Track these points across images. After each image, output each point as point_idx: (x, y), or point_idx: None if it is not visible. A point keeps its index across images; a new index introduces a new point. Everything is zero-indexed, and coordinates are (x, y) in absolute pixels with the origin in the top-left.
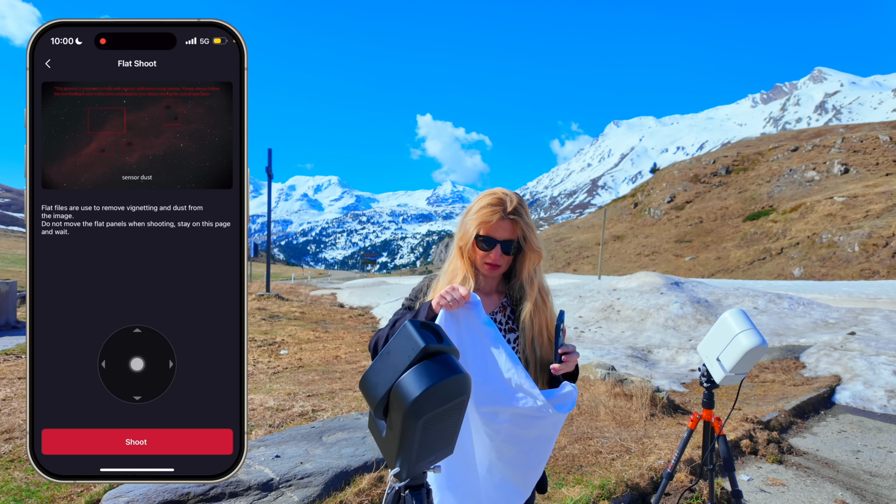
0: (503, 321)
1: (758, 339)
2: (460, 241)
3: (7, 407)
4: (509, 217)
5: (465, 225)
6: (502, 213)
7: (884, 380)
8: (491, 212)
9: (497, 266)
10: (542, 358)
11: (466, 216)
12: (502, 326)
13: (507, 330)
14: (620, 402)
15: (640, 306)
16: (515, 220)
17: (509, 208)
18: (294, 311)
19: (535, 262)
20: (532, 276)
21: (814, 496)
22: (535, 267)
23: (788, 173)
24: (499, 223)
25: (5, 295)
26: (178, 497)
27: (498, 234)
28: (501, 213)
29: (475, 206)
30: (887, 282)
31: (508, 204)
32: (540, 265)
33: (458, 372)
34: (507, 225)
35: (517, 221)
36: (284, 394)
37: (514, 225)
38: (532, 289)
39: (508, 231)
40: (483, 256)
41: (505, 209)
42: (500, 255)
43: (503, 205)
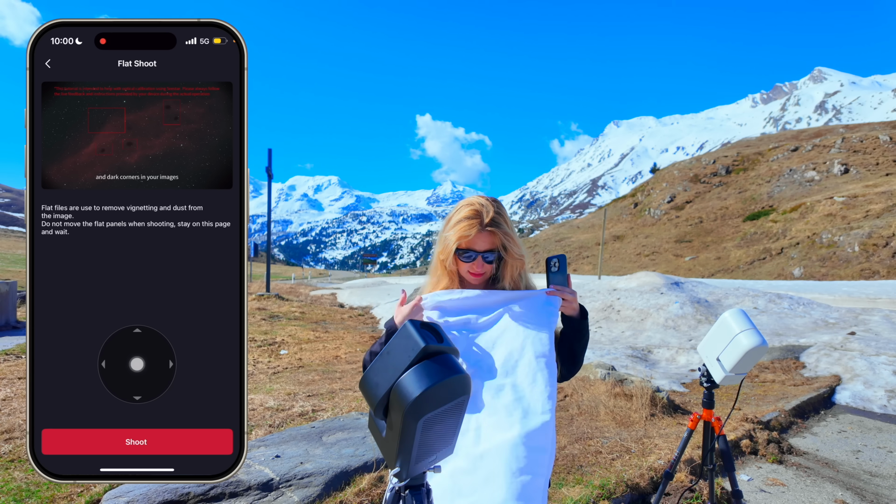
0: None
1: (758, 339)
2: (441, 255)
3: (7, 407)
4: (487, 229)
5: (445, 240)
6: (479, 227)
7: (884, 380)
8: (468, 225)
9: (481, 274)
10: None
11: (445, 229)
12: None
13: None
14: (620, 402)
15: (640, 306)
16: (493, 231)
17: (486, 220)
18: (294, 311)
19: (517, 268)
20: (517, 282)
21: (814, 496)
22: (518, 273)
23: (788, 173)
24: (477, 236)
25: (5, 295)
26: (178, 497)
27: (477, 245)
28: (479, 227)
29: (453, 219)
30: (887, 282)
31: (485, 215)
32: (524, 270)
33: (458, 372)
34: (485, 237)
35: (495, 233)
36: (284, 394)
37: (493, 236)
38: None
39: (487, 242)
40: (465, 267)
41: (482, 221)
42: (483, 265)
43: (480, 217)
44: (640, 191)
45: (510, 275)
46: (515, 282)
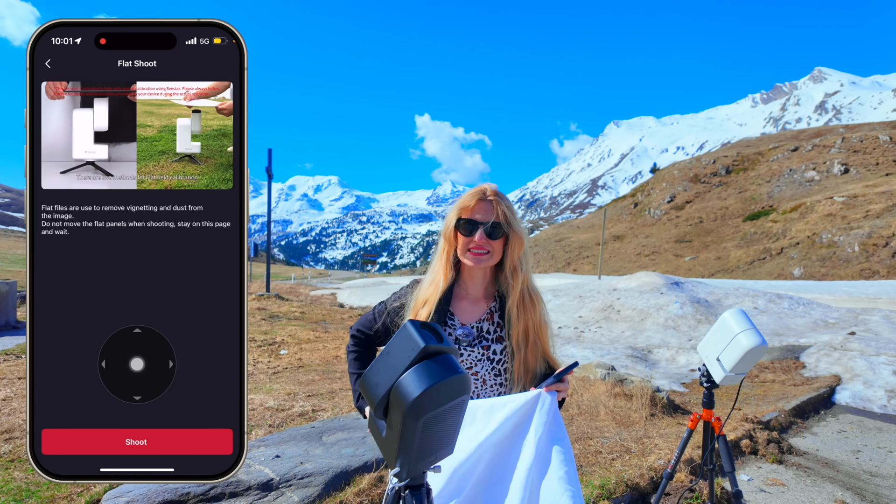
0: (490, 330)
1: (758, 339)
2: (444, 233)
3: (7, 407)
4: (488, 199)
5: (447, 217)
6: (481, 195)
7: (884, 380)
8: (470, 197)
9: (483, 251)
10: (526, 359)
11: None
12: (490, 336)
13: (493, 340)
14: (620, 402)
15: (640, 306)
16: (495, 200)
17: (489, 193)
18: (294, 311)
19: (518, 249)
20: (517, 266)
21: (814, 496)
22: (518, 255)
23: (788, 173)
24: (478, 204)
25: (5, 295)
26: (178, 497)
27: (478, 215)
28: (480, 195)
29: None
30: (887, 282)
31: (488, 190)
32: (526, 258)
33: (458, 372)
34: (486, 206)
35: (497, 203)
36: (284, 394)
37: (495, 206)
38: (517, 280)
39: (488, 212)
40: (466, 243)
41: (484, 193)
42: (484, 238)
43: (483, 190)
44: (640, 191)
45: (511, 257)
46: (515, 266)
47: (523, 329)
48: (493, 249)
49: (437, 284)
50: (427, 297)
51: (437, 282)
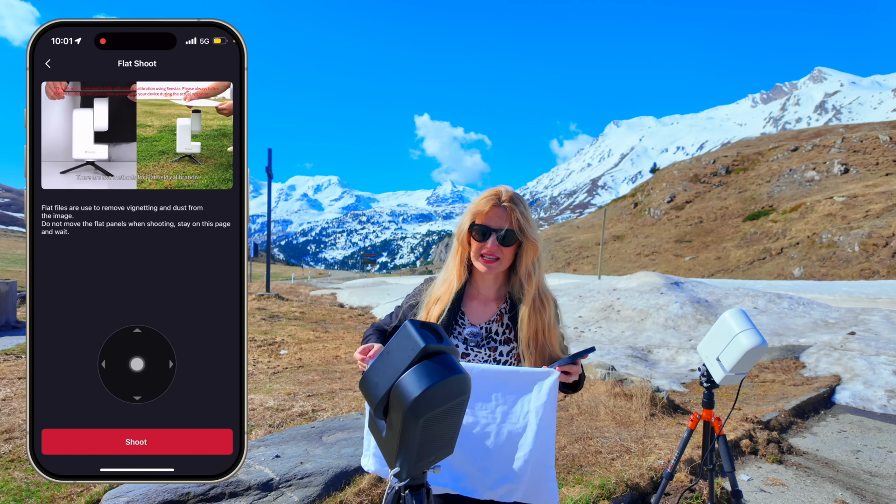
0: (499, 332)
1: (758, 339)
2: (458, 235)
3: (7, 407)
4: (503, 205)
5: (462, 219)
6: (496, 201)
7: (884, 380)
8: (485, 201)
9: (494, 257)
10: (535, 362)
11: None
12: (498, 337)
13: (501, 341)
14: (620, 401)
15: (640, 306)
16: (510, 207)
17: (504, 198)
18: (294, 311)
19: (532, 255)
20: (530, 271)
21: (814, 496)
22: (532, 260)
23: (788, 173)
24: (492, 210)
25: (5, 295)
26: (178, 497)
27: (492, 222)
28: (495, 201)
29: (472, 201)
30: (887, 282)
31: (504, 194)
32: (540, 262)
33: (458, 372)
34: (500, 213)
35: (512, 209)
36: (284, 394)
37: (509, 213)
38: (530, 285)
39: (502, 219)
40: (478, 248)
41: (499, 198)
42: (496, 245)
43: (498, 195)
44: (640, 191)
45: (525, 263)
46: (529, 272)
47: (533, 333)
48: (503, 256)
49: (450, 284)
50: (440, 296)
51: (450, 281)
